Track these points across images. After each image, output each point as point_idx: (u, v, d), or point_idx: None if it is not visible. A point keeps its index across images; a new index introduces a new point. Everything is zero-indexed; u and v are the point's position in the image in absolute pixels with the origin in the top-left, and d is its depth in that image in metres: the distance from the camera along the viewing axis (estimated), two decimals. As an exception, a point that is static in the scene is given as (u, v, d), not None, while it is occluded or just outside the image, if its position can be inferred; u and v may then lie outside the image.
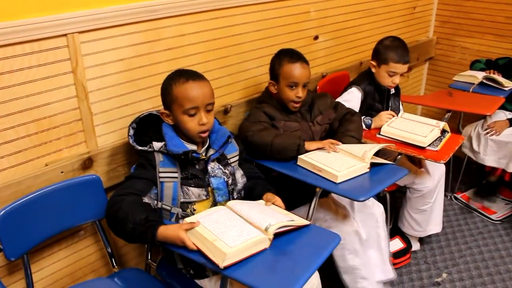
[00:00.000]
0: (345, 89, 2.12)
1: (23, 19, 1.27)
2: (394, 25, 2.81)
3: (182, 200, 1.43)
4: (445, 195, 2.76)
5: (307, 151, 1.68)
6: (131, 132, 1.49)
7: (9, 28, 1.25)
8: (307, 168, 1.62)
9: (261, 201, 1.43)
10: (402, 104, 2.31)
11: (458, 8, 3.04)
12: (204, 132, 1.43)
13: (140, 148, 1.45)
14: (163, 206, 1.43)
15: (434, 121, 2.01)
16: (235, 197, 1.54)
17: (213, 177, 1.46)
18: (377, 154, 1.67)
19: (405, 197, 2.25)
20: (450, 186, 2.84)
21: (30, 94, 1.36)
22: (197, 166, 1.45)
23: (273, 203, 1.41)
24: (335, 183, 1.51)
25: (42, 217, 1.41)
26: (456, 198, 2.83)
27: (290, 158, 1.68)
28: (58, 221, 1.46)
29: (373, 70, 2.11)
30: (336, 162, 1.59)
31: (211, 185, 1.45)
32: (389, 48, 2.05)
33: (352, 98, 2.08)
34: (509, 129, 2.54)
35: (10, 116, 1.34)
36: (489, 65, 2.76)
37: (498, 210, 2.71)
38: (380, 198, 2.09)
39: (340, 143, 1.74)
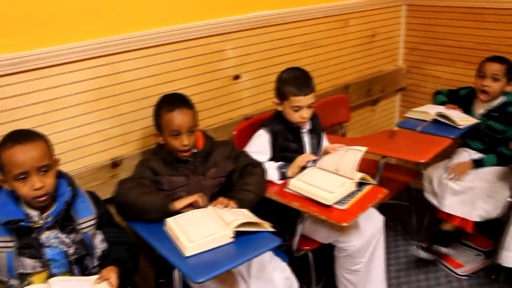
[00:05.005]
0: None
1: None
2: (348, 56, 2.58)
3: (20, 271, 1.31)
4: (415, 245, 2.45)
5: (177, 212, 1.51)
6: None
7: None
8: (169, 234, 1.45)
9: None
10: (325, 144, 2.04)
11: (426, 34, 2.76)
12: (40, 197, 1.31)
13: (-23, 213, 1.35)
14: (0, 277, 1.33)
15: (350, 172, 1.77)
16: (94, 265, 1.41)
17: (47, 247, 1.33)
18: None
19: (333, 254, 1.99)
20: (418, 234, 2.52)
21: None
22: (33, 235, 1.33)
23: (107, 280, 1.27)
24: (183, 256, 1.32)
25: None
26: (423, 248, 2.41)
27: (157, 220, 1.51)
28: None
29: (279, 108, 1.91)
30: (199, 228, 1.39)
31: (44, 255, 1.33)
32: (286, 82, 1.85)
33: (259, 142, 1.88)
34: (474, 172, 2.22)
35: None
36: (451, 96, 2.45)
37: (466, 262, 2.36)
38: (296, 258, 1.85)
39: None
